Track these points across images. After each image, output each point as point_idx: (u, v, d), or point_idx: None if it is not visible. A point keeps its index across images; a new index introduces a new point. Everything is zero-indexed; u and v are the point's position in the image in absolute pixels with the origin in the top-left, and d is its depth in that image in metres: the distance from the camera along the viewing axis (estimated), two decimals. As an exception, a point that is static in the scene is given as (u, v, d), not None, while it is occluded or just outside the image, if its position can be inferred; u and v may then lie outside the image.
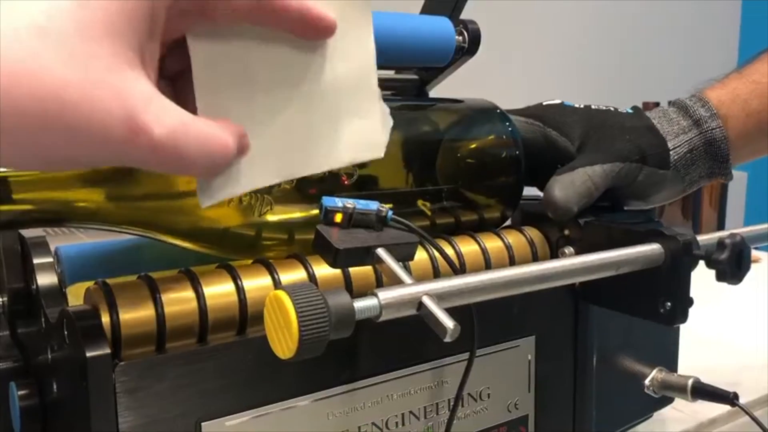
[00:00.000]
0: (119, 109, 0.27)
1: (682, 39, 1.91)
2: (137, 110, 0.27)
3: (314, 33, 0.34)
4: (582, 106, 0.52)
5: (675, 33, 1.89)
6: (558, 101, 0.52)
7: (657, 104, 1.30)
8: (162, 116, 0.28)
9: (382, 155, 0.37)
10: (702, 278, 0.43)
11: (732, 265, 0.39)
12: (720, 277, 0.40)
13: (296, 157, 0.35)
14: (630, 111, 0.52)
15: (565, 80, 1.64)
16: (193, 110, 0.33)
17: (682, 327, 0.53)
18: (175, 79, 0.34)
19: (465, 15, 0.53)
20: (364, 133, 0.37)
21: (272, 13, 0.32)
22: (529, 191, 0.53)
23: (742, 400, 0.49)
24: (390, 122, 0.38)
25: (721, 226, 1.29)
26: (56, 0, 0.26)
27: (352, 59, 0.36)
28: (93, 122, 0.26)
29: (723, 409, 0.62)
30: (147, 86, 0.28)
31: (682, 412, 0.61)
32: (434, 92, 0.57)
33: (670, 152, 0.49)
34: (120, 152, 0.27)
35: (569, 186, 0.46)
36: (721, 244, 0.39)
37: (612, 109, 0.52)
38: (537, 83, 1.54)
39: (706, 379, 0.51)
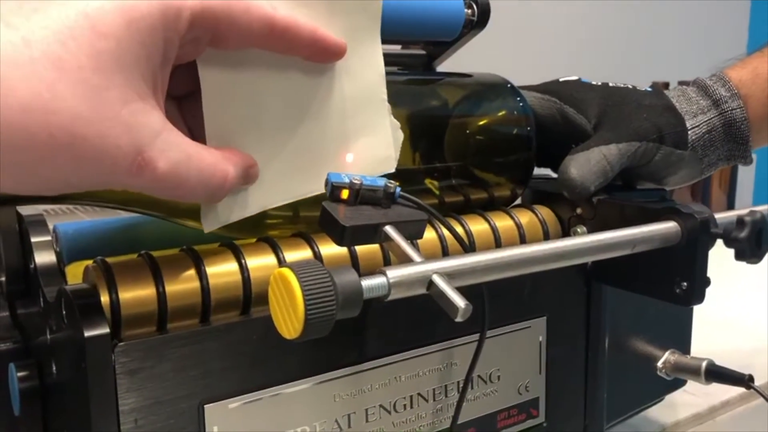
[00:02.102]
0: (128, 143, 0.27)
1: (692, 19, 1.88)
2: (145, 145, 0.28)
3: (325, 57, 0.35)
4: (600, 83, 0.50)
5: (685, 13, 1.86)
6: (575, 77, 0.51)
7: (667, 84, 1.28)
8: (167, 150, 0.29)
9: (393, 170, 0.37)
10: (712, 258, 0.42)
11: (752, 244, 0.38)
12: (739, 256, 0.39)
13: (306, 178, 0.36)
14: (649, 89, 0.51)
15: (575, 59, 1.61)
16: (197, 129, 0.34)
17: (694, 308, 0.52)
18: (182, 99, 0.34)
19: (474, -12, 0.52)
20: (374, 149, 0.37)
21: (284, 40, 0.33)
22: (539, 171, 0.52)
23: (755, 383, 0.48)
24: (400, 136, 0.38)
25: (731, 207, 1.28)
26: (72, 26, 0.26)
27: (361, 77, 0.37)
28: (101, 156, 0.27)
29: (735, 391, 0.61)
30: (156, 118, 0.29)
31: (693, 395, 0.60)
32: (442, 68, 0.55)
33: (689, 132, 0.48)
34: (123, 182, 0.28)
35: (585, 165, 0.44)
36: (740, 221, 0.38)
37: (630, 86, 0.50)
38: (546, 61, 1.52)
39: (717, 362, 0.50)
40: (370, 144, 0.37)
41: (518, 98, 0.49)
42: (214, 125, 0.34)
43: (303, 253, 0.38)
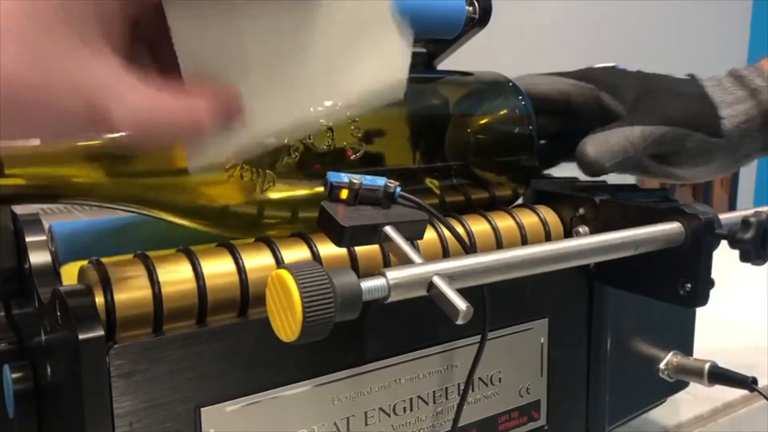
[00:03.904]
0: (78, 98, 0.27)
1: (694, 18, 1.88)
2: (96, 97, 0.27)
3: None
4: (635, 70, 0.50)
5: (686, 12, 1.86)
6: (610, 64, 0.51)
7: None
8: (122, 100, 0.28)
9: (402, 96, 0.34)
10: (714, 258, 0.41)
11: (757, 245, 0.37)
12: (744, 258, 0.38)
13: (300, 101, 0.33)
14: (685, 77, 0.50)
15: (577, 57, 1.61)
16: (173, 73, 0.31)
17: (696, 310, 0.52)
18: (155, 43, 0.32)
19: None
20: (381, 71, 0.34)
21: None
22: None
23: (758, 385, 0.48)
24: (409, 57, 0.34)
25: (732, 208, 1.28)
26: None
27: None
28: (54, 110, 0.27)
29: (737, 393, 0.60)
30: (107, 68, 0.28)
31: (695, 396, 0.59)
32: (443, 66, 0.55)
33: (723, 120, 0.48)
34: (90, 131, 0.29)
35: (602, 143, 0.45)
36: (745, 222, 0.38)
37: (665, 74, 0.50)
38: (548, 59, 1.52)
39: (719, 364, 0.49)
40: (376, 65, 0.33)
41: (520, 97, 0.49)
42: (189, 62, 0.31)
43: (301, 254, 0.38)
